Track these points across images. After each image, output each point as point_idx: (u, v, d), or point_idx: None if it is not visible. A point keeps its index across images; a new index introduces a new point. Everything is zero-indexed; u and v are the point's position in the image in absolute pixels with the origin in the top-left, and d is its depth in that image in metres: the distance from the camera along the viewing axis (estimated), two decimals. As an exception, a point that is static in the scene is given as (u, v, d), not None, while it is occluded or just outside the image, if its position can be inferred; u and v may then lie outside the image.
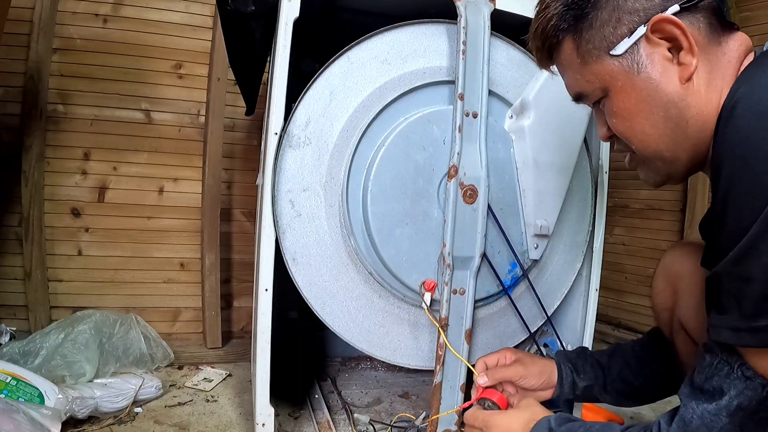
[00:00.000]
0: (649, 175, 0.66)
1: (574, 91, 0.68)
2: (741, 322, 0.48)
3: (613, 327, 2.04)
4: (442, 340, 0.99)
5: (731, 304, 0.49)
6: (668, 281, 0.82)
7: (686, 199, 1.78)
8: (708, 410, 0.51)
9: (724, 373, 0.51)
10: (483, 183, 0.99)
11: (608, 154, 1.22)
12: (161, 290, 1.71)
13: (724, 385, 0.51)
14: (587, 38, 0.61)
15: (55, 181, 1.60)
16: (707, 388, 0.53)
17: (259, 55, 1.12)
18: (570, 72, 0.66)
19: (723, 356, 0.52)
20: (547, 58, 0.69)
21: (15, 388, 1.09)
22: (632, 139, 0.62)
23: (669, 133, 0.59)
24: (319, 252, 0.99)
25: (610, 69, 0.60)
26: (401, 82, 1.01)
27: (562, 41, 0.64)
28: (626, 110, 0.60)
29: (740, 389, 0.49)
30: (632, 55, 0.58)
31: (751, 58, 0.57)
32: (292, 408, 1.25)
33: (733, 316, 0.49)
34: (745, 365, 0.50)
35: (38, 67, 1.54)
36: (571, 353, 0.94)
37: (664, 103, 0.58)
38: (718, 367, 0.52)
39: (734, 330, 0.49)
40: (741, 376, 0.50)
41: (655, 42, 0.57)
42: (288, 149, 0.96)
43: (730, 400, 0.50)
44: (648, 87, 0.58)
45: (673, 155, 0.60)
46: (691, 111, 0.57)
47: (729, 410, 0.50)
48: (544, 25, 0.65)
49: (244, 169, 1.78)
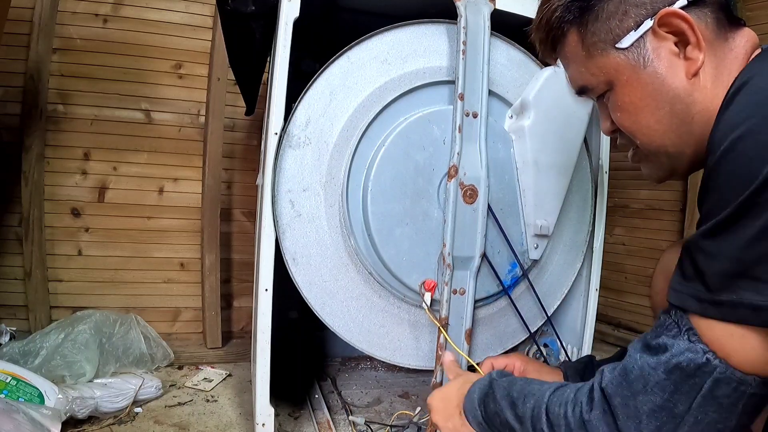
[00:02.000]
0: (652, 170, 0.66)
1: (577, 85, 0.67)
2: (705, 294, 0.50)
3: (613, 327, 2.04)
4: (443, 340, 0.99)
5: (696, 275, 0.51)
6: (667, 280, 0.81)
7: (686, 199, 1.78)
8: (648, 362, 0.52)
9: (672, 333, 0.52)
10: (483, 183, 0.99)
11: (608, 154, 1.22)
12: (161, 290, 1.71)
13: (668, 342, 0.52)
14: (593, 30, 0.60)
15: (55, 181, 1.60)
16: (653, 345, 0.54)
17: (259, 55, 1.12)
18: (574, 65, 0.65)
19: (675, 318, 0.53)
20: (550, 51, 0.67)
21: (15, 388, 1.09)
22: (637, 134, 0.61)
23: (674, 129, 0.58)
24: (319, 252, 0.99)
25: (616, 62, 0.59)
26: (401, 82, 1.01)
27: (566, 33, 0.63)
28: (631, 104, 0.60)
29: (682, 349, 0.50)
30: (638, 49, 0.58)
31: (758, 53, 0.56)
32: (292, 408, 1.25)
33: (698, 286, 0.50)
34: (692, 330, 0.51)
35: (38, 67, 1.54)
36: (579, 364, 0.93)
37: (670, 98, 0.57)
38: (668, 326, 0.53)
39: (698, 299, 0.50)
40: (686, 340, 0.51)
41: (662, 36, 0.56)
42: (288, 149, 0.96)
43: (670, 357, 0.51)
44: (654, 81, 0.58)
45: (677, 151, 0.60)
46: (697, 107, 0.56)
47: (668, 366, 0.51)
48: (549, 16, 0.64)
49: (244, 169, 1.78)
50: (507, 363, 0.92)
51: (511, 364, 0.92)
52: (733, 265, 0.47)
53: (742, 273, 0.47)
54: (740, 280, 0.47)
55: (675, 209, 1.84)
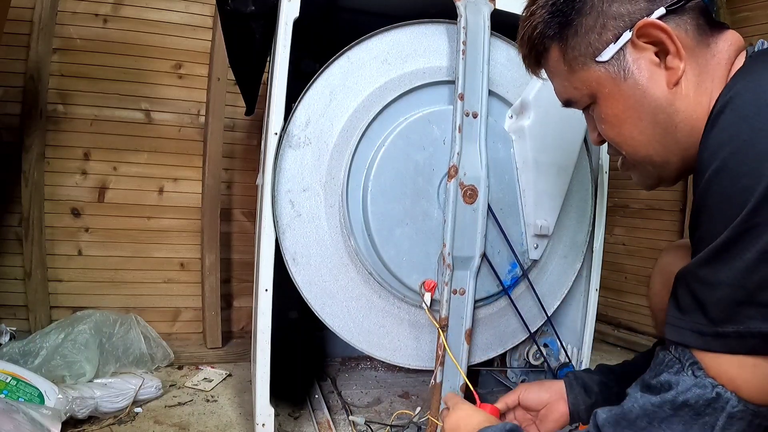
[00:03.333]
0: (641, 178, 0.65)
1: (563, 98, 0.67)
2: (707, 326, 0.47)
3: (613, 327, 2.04)
4: (442, 341, 0.99)
5: (695, 307, 0.48)
6: (665, 281, 0.81)
7: (686, 199, 1.78)
8: (651, 401, 0.50)
9: (674, 370, 0.50)
10: (483, 183, 0.99)
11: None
12: (161, 290, 1.71)
13: (671, 380, 0.49)
14: (573, 45, 0.60)
15: (55, 181, 1.60)
16: (654, 384, 0.51)
17: (259, 55, 1.12)
18: (558, 79, 0.65)
19: (675, 354, 0.51)
20: (535, 65, 0.68)
21: (15, 388, 1.09)
22: (622, 145, 0.61)
23: (658, 138, 0.58)
24: (319, 252, 0.99)
25: (597, 76, 0.59)
26: (401, 82, 1.01)
27: (548, 48, 0.63)
28: (614, 117, 0.60)
29: (688, 386, 0.48)
30: (618, 61, 0.57)
31: (743, 57, 0.56)
32: (292, 408, 1.25)
33: (697, 319, 0.48)
34: (697, 365, 0.48)
35: (38, 67, 1.54)
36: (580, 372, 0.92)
37: (652, 109, 0.57)
38: (668, 364, 0.51)
39: (699, 333, 0.48)
40: (691, 375, 0.48)
41: (641, 47, 0.56)
42: (288, 149, 0.96)
43: (677, 395, 0.48)
44: (635, 93, 0.57)
45: (663, 159, 0.60)
46: (679, 115, 0.56)
47: (674, 404, 0.48)
48: (530, 32, 0.64)
49: (244, 169, 1.78)
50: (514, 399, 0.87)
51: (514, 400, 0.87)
52: (736, 292, 0.45)
53: (746, 300, 0.44)
54: (745, 308, 0.45)
55: (675, 209, 1.85)
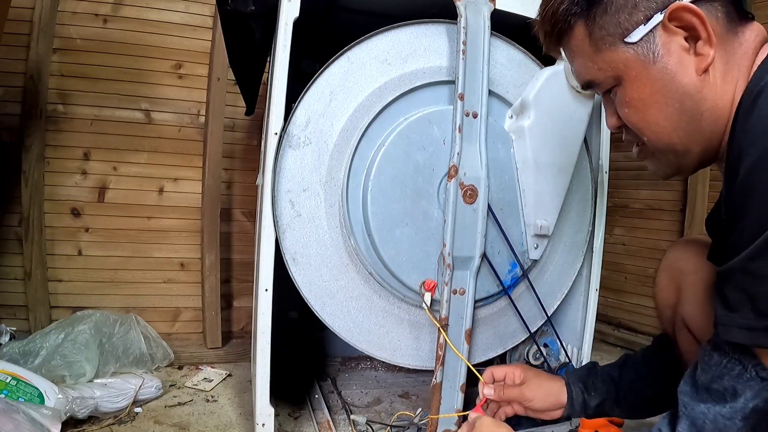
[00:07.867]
0: (659, 167, 0.64)
1: (584, 79, 0.65)
2: (756, 321, 0.46)
3: (613, 327, 2.04)
4: (442, 340, 0.99)
5: (744, 302, 0.47)
6: (672, 278, 0.80)
7: (686, 199, 1.78)
8: (721, 414, 0.48)
9: (736, 373, 0.48)
10: (483, 183, 0.99)
11: (608, 154, 1.22)
12: (161, 290, 1.71)
13: (737, 386, 0.48)
14: (601, 24, 0.58)
15: (55, 181, 1.60)
16: (716, 388, 0.50)
17: (259, 55, 1.12)
18: (581, 59, 0.63)
19: (735, 355, 0.49)
20: (555, 44, 0.65)
21: (15, 388, 1.09)
22: (645, 131, 0.60)
23: (683, 126, 0.57)
24: (319, 252, 0.99)
25: (625, 57, 0.58)
26: (401, 82, 1.01)
27: (573, 26, 0.61)
28: (640, 101, 0.58)
29: (756, 390, 0.47)
30: (648, 44, 0.56)
31: (767, 49, 0.55)
32: (292, 408, 1.25)
33: (746, 314, 0.47)
34: (760, 365, 0.47)
35: (38, 67, 1.54)
36: (582, 370, 0.92)
37: (679, 95, 0.56)
38: (728, 366, 0.49)
39: (749, 329, 0.47)
40: (756, 377, 0.47)
41: (672, 30, 0.55)
42: (288, 149, 0.96)
43: (746, 402, 0.47)
44: (663, 77, 0.56)
45: (685, 148, 0.59)
46: (706, 104, 0.55)
47: (744, 413, 0.47)
48: (555, 8, 0.62)
49: (244, 169, 1.78)
50: (507, 372, 0.91)
51: (511, 372, 0.92)
52: None
53: None
54: None
55: (675, 209, 1.84)
